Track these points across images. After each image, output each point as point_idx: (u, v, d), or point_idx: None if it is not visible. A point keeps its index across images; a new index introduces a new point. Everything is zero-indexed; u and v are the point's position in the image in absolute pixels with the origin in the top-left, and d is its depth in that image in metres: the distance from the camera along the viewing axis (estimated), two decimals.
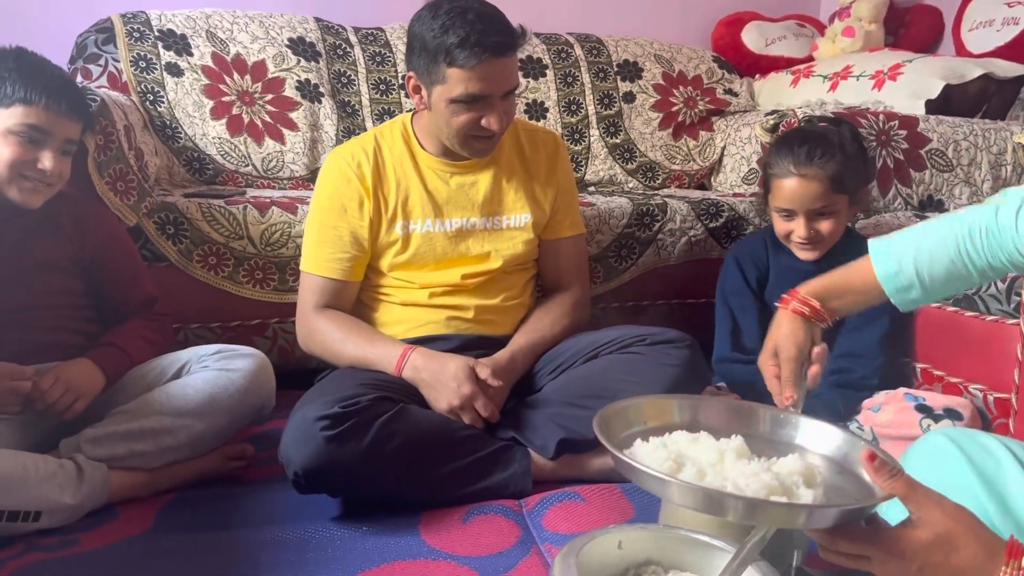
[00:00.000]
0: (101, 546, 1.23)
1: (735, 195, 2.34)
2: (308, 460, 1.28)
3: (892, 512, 0.84)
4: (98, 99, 1.67)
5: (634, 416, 0.98)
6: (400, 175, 1.57)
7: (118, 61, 2.15)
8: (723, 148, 2.65)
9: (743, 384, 1.63)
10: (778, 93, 2.71)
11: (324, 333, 1.54)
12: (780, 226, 1.64)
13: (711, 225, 2.12)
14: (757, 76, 2.85)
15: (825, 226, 1.60)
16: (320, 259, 1.56)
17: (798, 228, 1.61)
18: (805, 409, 1.05)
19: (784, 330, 1.10)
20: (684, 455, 0.87)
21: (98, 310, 1.53)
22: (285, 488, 1.35)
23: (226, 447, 1.48)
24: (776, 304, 1.14)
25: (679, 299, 2.15)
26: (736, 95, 2.75)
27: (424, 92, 1.49)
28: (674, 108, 2.65)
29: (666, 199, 2.14)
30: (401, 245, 1.56)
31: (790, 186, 1.59)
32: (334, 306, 1.57)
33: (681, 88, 2.68)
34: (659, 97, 2.65)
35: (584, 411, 1.45)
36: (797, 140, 1.61)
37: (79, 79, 2.12)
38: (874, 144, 1.96)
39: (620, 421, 0.96)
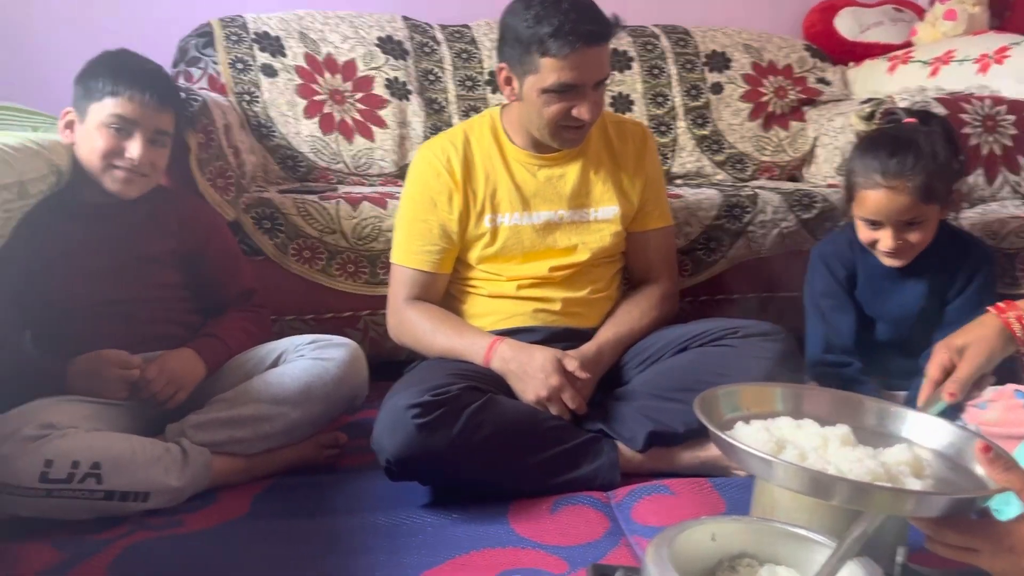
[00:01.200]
0: (202, 528, 1.28)
1: (829, 186, 2.27)
2: (399, 448, 1.30)
3: (1005, 513, 0.80)
4: (199, 100, 1.74)
5: (735, 402, 0.96)
6: (488, 168, 1.58)
7: (217, 64, 2.24)
8: (815, 138, 2.57)
9: (839, 387, 1.56)
10: (874, 81, 2.61)
11: (414, 324, 1.57)
12: (864, 234, 1.53)
13: (804, 216, 2.06)
14: (851, 64, 2.75)
15: (914, 236, 1.48)
16: (410, 252, 1.58)
17: (884, 238, 1.49)
18: None
19: (983, 332, 1.07)
20: (786, 439, 0.85)
21: (198, 302, 1.59)
22: (377, 476, 1.38)
23: (320, 435, 1.52)
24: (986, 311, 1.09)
25: (770, 292, 2.09)
26: (829, 84, 2.66)
27: (515, 83, 1.50)
28: (764, 98, 2.59)
29: (756, 190, 2.10)
30: (489, 238, 1.57)
31: (876, 198, 1.47)
32: (424, 298, 1.59)
33: (771, 78, 2.61)
34: (748, 87, 2.59)
35: (673, 404, 1.43)
36: (885, 148, 1.48)
37: (181, 82, 2.20)
38: (980, 130, 1.87)
39: (721, 406, 0.94)
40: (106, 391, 1.37)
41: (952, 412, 1.42)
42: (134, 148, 1.43)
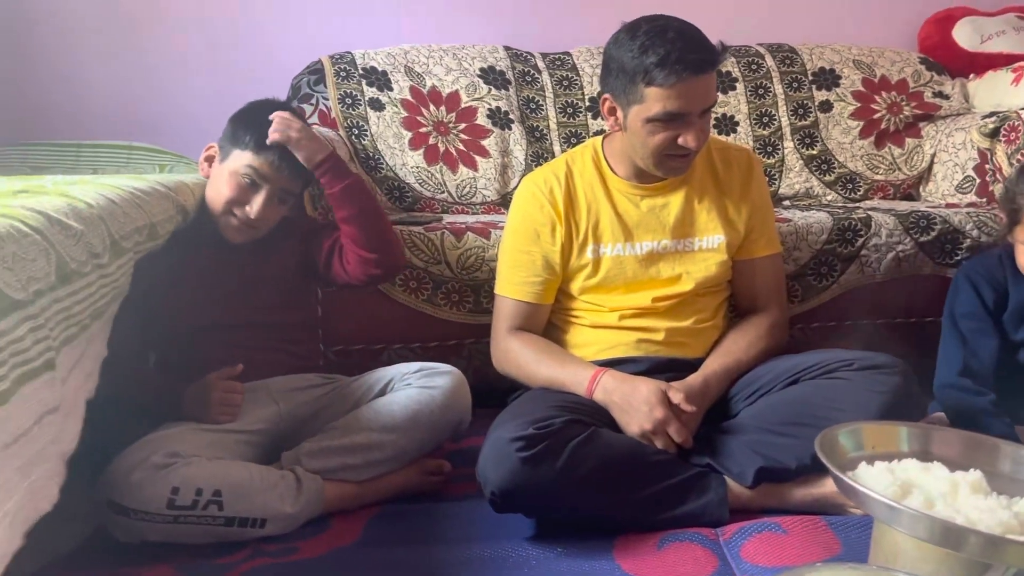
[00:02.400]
0: (317, 555, 1.31)
1: (948, 205, 2.17)
2: (504, 480, 1.31)
3: None
4: None
5: (858, 441, 0.92)
6: (591, 199, 1.58)
7: (327, 99, 2.33)
8: (933, 155, 2.46)
9: (967, 416, 1.48)
10: (997, 93, 2.47)
11: (517, 354, 1.58)
12: (1020, 257, 1.48)
13: (922, 239, 1.97)
14: (972, 76, 2.62)
15: None
16: (513, 283, 1.60)
17: None
18: None
19: None
20: (912, 483, 0.81)
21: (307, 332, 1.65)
22: (482, 505, 1.39)
23: (426, 462, 1.54)
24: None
25: (886, 319, 2.00)
26: (947, 98, 2.54)
27: (619, 113, 1.50)
28: (876, 115, 2.50)
29: (869, 212, 2.02)
30: (591, 269, 1.57)
31: None
32: (527, 328, 1.61)
33: (884, 94, 2.52)
34: (859, 104, 2.50)
35: (784, 439, 1.39)
36: None
37: None
38: None
39: (842, 445, 0.91)
40: (215, 416, 1.45)
41: None
42: (256, 204, 1.52)
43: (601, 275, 1.57)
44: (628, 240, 1.57)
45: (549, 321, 1.64)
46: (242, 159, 1.52)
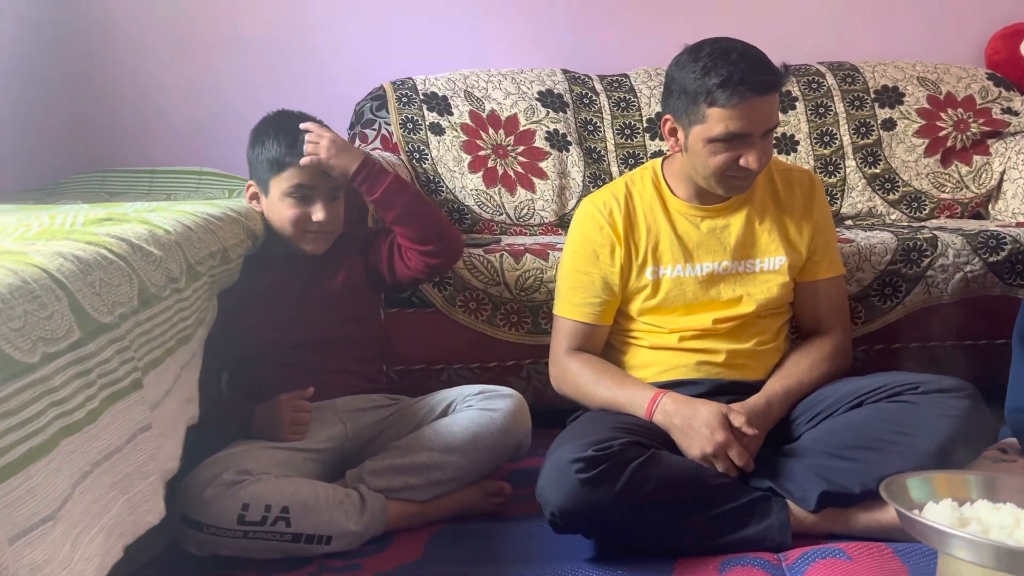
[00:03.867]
0: (379, 572, 1.34)
1: (1019, 224, 2.12)
2: (563, 501, 1.32)
3: None
4: None
5: (928, 489, 0.92)
6: (650, 221, 1.59)
7: (389, 124, 2.38)
8: (1002, 173, 2.40)
9: None
10: None
11: (576, 375, 1.59)
12: None
13: (991, 259, 1.92)
14: None
15: None
16: (572, 304, 1.61)
17: None
18: None
19: None
20: (973, 518, 0.80)
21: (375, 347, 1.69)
22: (542, 526, 1.40)
23: (487, 483, 1.56)
24: None
25: (955, 341, 1.96)
26: (1016, 114, 2.48)
27: (681, 134, 1.51)
28: (942, 133, 2.45)
29: (936, 232, 1.98)
30: (651, 290, 1.58)
31: None
32: (585, 349, 1.61)
33: (950, 111, 2.47)
34: (924, 122, 2.46)
35: (848, 463, 1.37)
36: None
37: (356, 143, 2.37)
38: None
39: (911, 495, 0.91)
40: (285, 436, 1.49)
41: None
42: (318, 212, 1.57)
43: (660, 296, 1.57)
44: (688, 261, 1.57)
45: (608, 342, 1.65)
46: (284, 182, 1.56)
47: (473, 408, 1.54)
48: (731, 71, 1.40)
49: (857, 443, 1.38)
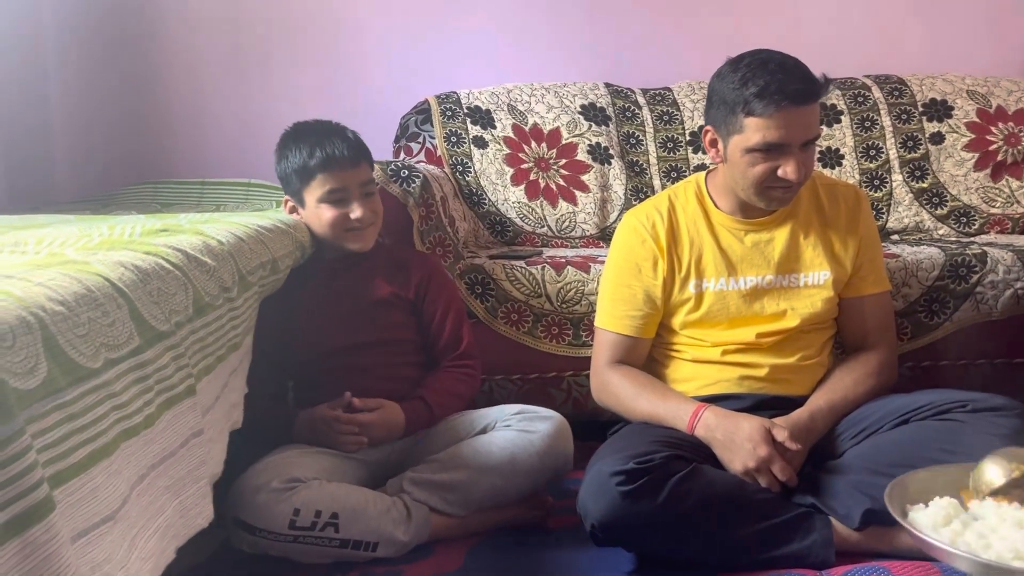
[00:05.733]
0: None
1: None
2: (604, 514, 1.32)
3: None
4: (420, 176, 1.90)
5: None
6: (694, 234, 1.59)
7: (434, 138, 2.42)
8: None
9: None
10: None
11: (617, 387, 1.59)
12: None
13: None
14: None
15: None
16: (614, 316, 1.62)
17: None
18: None
19: None
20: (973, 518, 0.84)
21: (424, 350, 1.71)
22: (582, 539, 1.40)
23: (529, 497, 1.56)
24: None
25: (1004, 359, 1.93)
26: None
27: (720, 145, 1.52)
28: (992, 147, 2.41)
29: (985, 248, 1.95)
30: (694, 303, 1.58)
31: None
32: (627, 361, 1.62)
33: (1000, 124, 2.43)
34: (973, 136, 2.42)
35: (891, 481, 1.35)
36: None
37: (402, 156, 2.41)
38: None
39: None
40: (329, 443, 1.52)
41: None
42: (356, 210, 1.59)
43: (704, 310, 1.57)
44: (731, 275, 1.57)
45: (650, 356, 1.65)
46: (317, 189, 1.58)
47: (512, 428, 1.54)
48: (768, 80, 1.41)
49: (902, 461, 1.36)
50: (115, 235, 1.19)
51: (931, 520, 0.90)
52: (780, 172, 1.45)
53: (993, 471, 0.98)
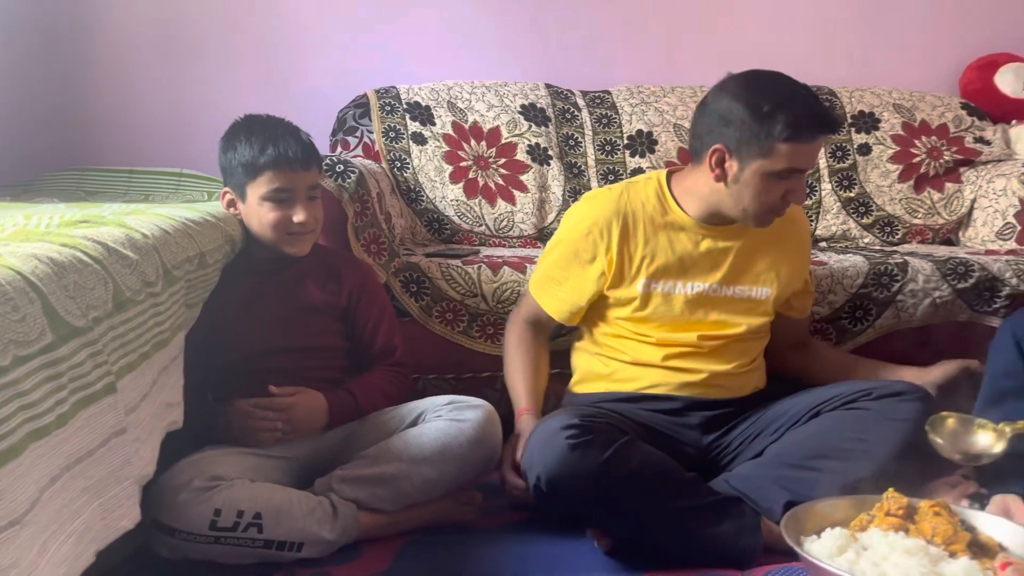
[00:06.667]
0: None
1: (988, 252, 2.16)
2: (550, 466, 1.35)
3: None
4: (356, 171, 1.87)
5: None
6: (650, 234, 1.59)
7: (372, 132, 2.39)
8: (973, 200, 2.45)
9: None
10: None
11: (508, 346, 1.73)
12: None
13: (959, 286, 1.96)
14: (1014, 122, 2.61)
15: None
16: (540, 288, 1.67)
17: None
18: None
19: None
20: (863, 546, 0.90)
21: (351, 356, 1.69)
22: (512, 540, 1.43)
23: (458, 493, 1.56)
24: None
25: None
26: (988, 143, 2.53)
27: (734, 165, 1.49)
28: (916, 159, 2.50)
29: (907, 257, 2.02)
30: (640, 303, 1.59)
31: None
32: (543, 329, 1.72)
33: (924, 138, 2.52)
34: (899, 148, 2.50)
35: (809, 472, 1.41)
36: None
37: (338, 150, 2.37)
38: None
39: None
40: (248, 439, 1.49)
41: None
42: (299, 213, 1.56)
43: (649, 310, 1.59)
44: (681, 278, 1.59)
45: (592, 351, 1.66)
46: (263, 186, 1.54)
47: (442, 419, 1.54)
48: (804, 109, 1.44)
49: (817, 452, 1.43)
50: (31, 226, 1.14)
51: (826, 550, 0.96)
52: (789, 196, 1.50)
53: (983, 439, 1.11)
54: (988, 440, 1.02)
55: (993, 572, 0.87)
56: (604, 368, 1.64)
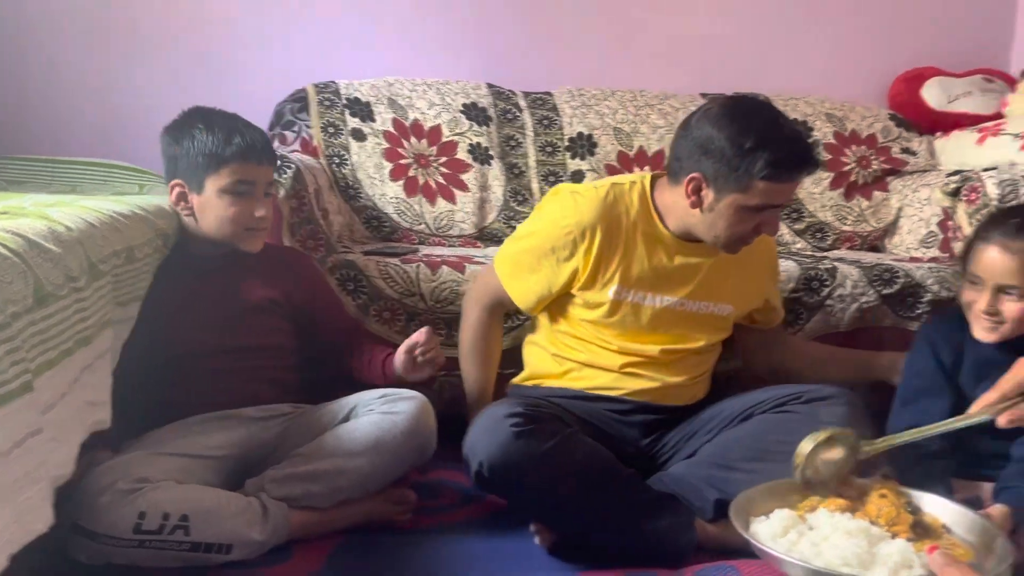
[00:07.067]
0: None
1: (912, 259, 2.23)
2: (494, 452, 1.36)
3: None
4: (293, 166, 1.84)
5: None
6: (630, 242, 1.58)
7: (310, 127, 2.35)
8: (899, 209, 2.53)
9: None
10: (962, 152, 2.56)
11: (463, 331, 1.74)
12: (965, 294, 1.52)
13: (884, 292, 2.02)
14: (938, 134, 2.71)
15: (1010, 308, 1.46)
16: (509, 276, 1.66)
17: (980, 300, 1.49)
18: None
19: None
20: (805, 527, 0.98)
21: (304, 351, 1.68)
22: (445, 541, 1.43)
23: (392, 492, 1.55)
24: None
25: None
26: (914, 154, 2.63)
27: (708, 195, 1.49)
28: (846, 168, 2.57)
29: (836, 263, 2.07)
30: (609, 309, 1.59)
31: (987, 253, 1.48)
32: (501, 311, 1.73)
33: (854, 147, 2.60)
34: (830, 156, 2.58)
35: (738, 473, 1.44)
36: (1016, 211, 1.55)
37: (276, 144, 2.33)
38: None
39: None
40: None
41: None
42: (261, 208, 1.54)
43: (616, 317, 1.60)
44: (653, 291, 1.59)
45: (551, 352, 1.66)
46: (225, 178, 1.51)
47: (375, 412, 1.53)
48: (785, 149, 1.42)
49: (747, 454, 1.46)
50: None
51: (771, 531, 0.98)
52: (764, 228, 1.50)
53: (803, 444, 1.11)
54: (841, 455, 1.07)
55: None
56: (557, 368, 1.65)
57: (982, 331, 1.50)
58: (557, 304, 1.64)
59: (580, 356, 1.63)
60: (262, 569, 1.36)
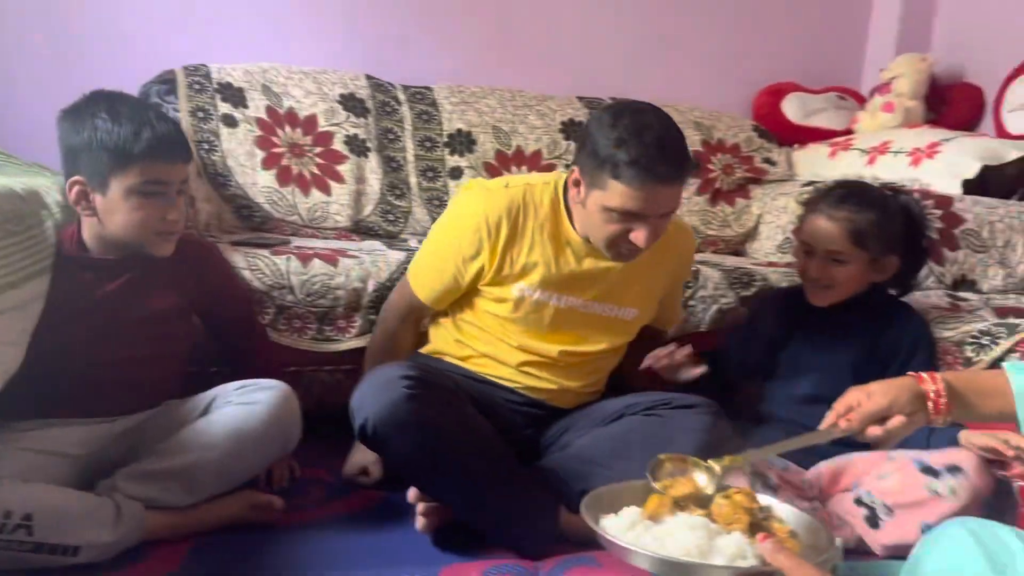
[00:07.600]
0: None
1: (769, 264, 2.36)
2: (383, 410, 1.37)
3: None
4: None
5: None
6: (536, 241, 1.58)
7: (178, 111, 2.26)
8: (760, 216, 2.67)
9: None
10: (816, 164, 2.74)
11: (375, 336, 1.77)
12: (799, 262, 1.72)
13: (743, 294, 2.13)
14: (796, 146, 2.88)
15: (838, 273, 1.65)
16: (419, 277, 1.68)
17: (811, 266, 1.67)
18: None
19: (896, 383, 1.14)
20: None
21: (213, 346, 1.66)
22: (309, 539, 1.41)
23: (256, 496, 1.50)
24: None
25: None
26: (774, 164, 2.78)
27: (583, 190, 1.49)
28: (712, 175, 2.69)
29: (699, 266, 2.17)
30: (513, 306, 1.60)
31: (815, 222, 1.66)
32: (414, 317, 1.73)
33: (720, 155, 2.72)
34: (697, 163, 2.69)
35: (604, 470, 1.49)
36: (843, 186, 1.71)
37: None
38: None
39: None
40: None
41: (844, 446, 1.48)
42: (174, 211, 1.42)
43: (520, 314, 1.61)
44: (557, 291, 1.60)
45: (454, 336, 1.68)
46: (134, 178, 1.37)
47: (233, 403, 1.49)
48: (641, 152, 1.38)
49: (613, 453, 1.52)
50: None
51: (620, 526, 1.04)
52: (632, 236, 1.46)
53: (701, 479, 1.16)
54: (704, 480, 1.15)
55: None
56: (459, 351, 1.68)
57: (816, 296, 1.66)
58: (464, 296, 1.66)
59: (481, 347, 1.65)
60: (112, 572, 1.30)
